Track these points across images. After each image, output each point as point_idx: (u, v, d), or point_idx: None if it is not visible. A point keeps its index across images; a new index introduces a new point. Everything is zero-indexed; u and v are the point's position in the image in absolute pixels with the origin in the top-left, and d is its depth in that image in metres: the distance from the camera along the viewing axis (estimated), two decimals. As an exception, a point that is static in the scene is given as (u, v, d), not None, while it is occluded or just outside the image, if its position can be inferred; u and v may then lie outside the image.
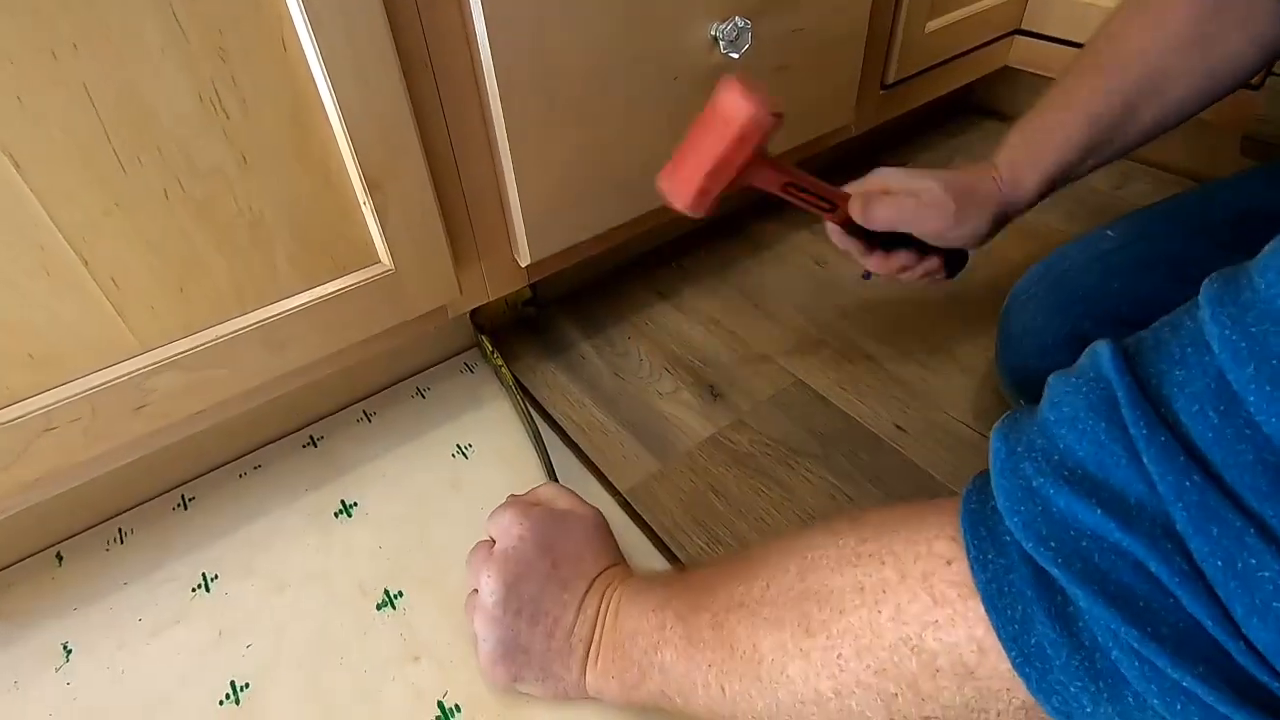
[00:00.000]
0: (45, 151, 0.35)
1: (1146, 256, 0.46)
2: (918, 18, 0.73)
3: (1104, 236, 0.49)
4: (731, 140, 0.41)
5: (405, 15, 0.42)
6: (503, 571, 0.39)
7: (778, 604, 0.30)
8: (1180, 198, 0.50)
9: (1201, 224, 0.46)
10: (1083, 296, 0.47)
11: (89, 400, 0.41)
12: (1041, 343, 0.48)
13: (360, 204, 0.45)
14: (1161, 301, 0.36)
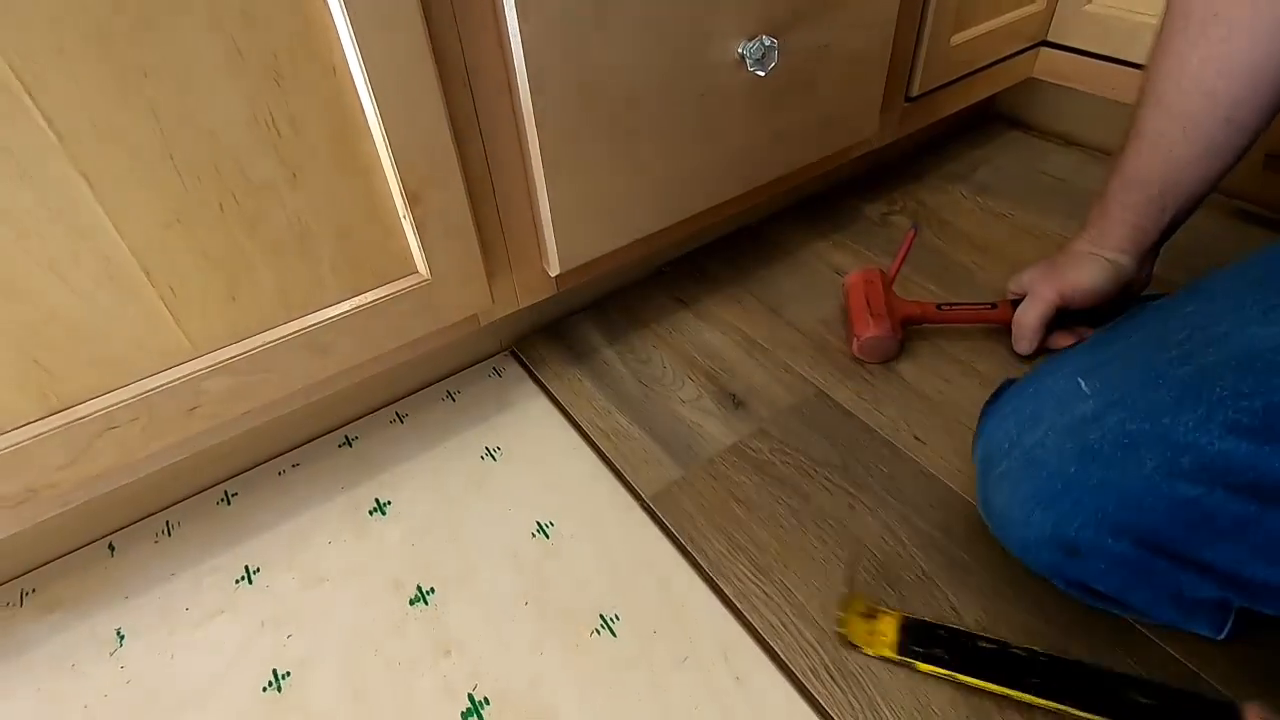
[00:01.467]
0: (114, 170, 0.37)
1: (1130, 433, 0.38)
2: (943, 31, 0.74)
3: (1075, 391, 0.41)
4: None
5: (447, 39, 0.44)
6: None
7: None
8: (1159, 315, 0.44)
9: (1184, 378, 0.38)
10: (1060, 488, 0.39)
11: (146, 401, 0.43)
12: (1023, 537, 0.42)
13: (401, 217, 0.48)
14: (1155, 499, 0.36)
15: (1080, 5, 0.83)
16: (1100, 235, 0.58)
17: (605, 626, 0.48)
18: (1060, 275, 0.60)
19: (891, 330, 0.63)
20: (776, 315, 0.72)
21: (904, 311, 0.66)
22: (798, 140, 0.66)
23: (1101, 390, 0.40)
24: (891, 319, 0.64)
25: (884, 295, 0.66)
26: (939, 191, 0.89)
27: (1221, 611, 0.40)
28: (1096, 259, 0.58)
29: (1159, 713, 0.41)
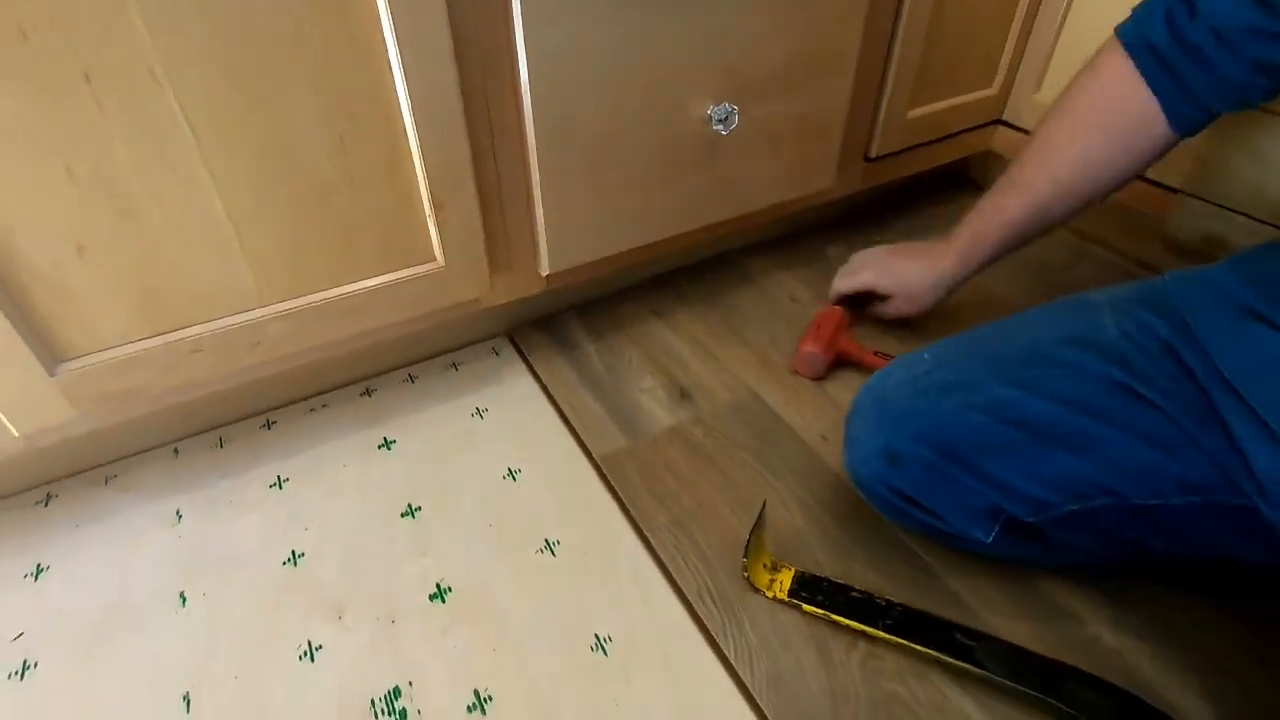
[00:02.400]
0: (230, 168, 0.52)
1: (947, 382, 0.54)
2: (899, 106, 0.88)
3: (920, 360, 0.57)
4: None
5: (474, 90, 0.59)
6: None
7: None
8: (992, 326, 0.59)
9: (991, 358, 0.54)
10: (894, 416, 0.55)
11: (224, 334, 0.59)
12: (863, 453, 0.56)
13: (426, 218, 0.63)
14: (956, 423, 0.53)
15: (1030, 94, 0.97)
16: (958, 253, 0.73)
17: (548, 548, 0.62)
18: (910, 291, 0.79)
19: (824, 352, 0.77)
20: (734, 332, 0.86)
21: (844, 346, 0.80)
22: (754, 187, 0.80)
23: (936, 358, 0.57)
24: (829, 346, 0.78)
25: (834, 328, 0.80)
26: (896, 242, 1.02)
27: (992, 519, 0.53)
28: (942, 272, 0.75)
29: (974, 651, 0.53)
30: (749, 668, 0.53)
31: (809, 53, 0.73)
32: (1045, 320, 0.55)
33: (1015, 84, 0.97)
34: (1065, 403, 0.49)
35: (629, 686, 0.52)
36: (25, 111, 0.45)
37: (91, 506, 0.66)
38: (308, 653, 0.55)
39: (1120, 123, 0.58)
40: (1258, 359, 0.46)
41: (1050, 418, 0.50)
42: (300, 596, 0.58)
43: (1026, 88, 0.97)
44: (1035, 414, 0.50)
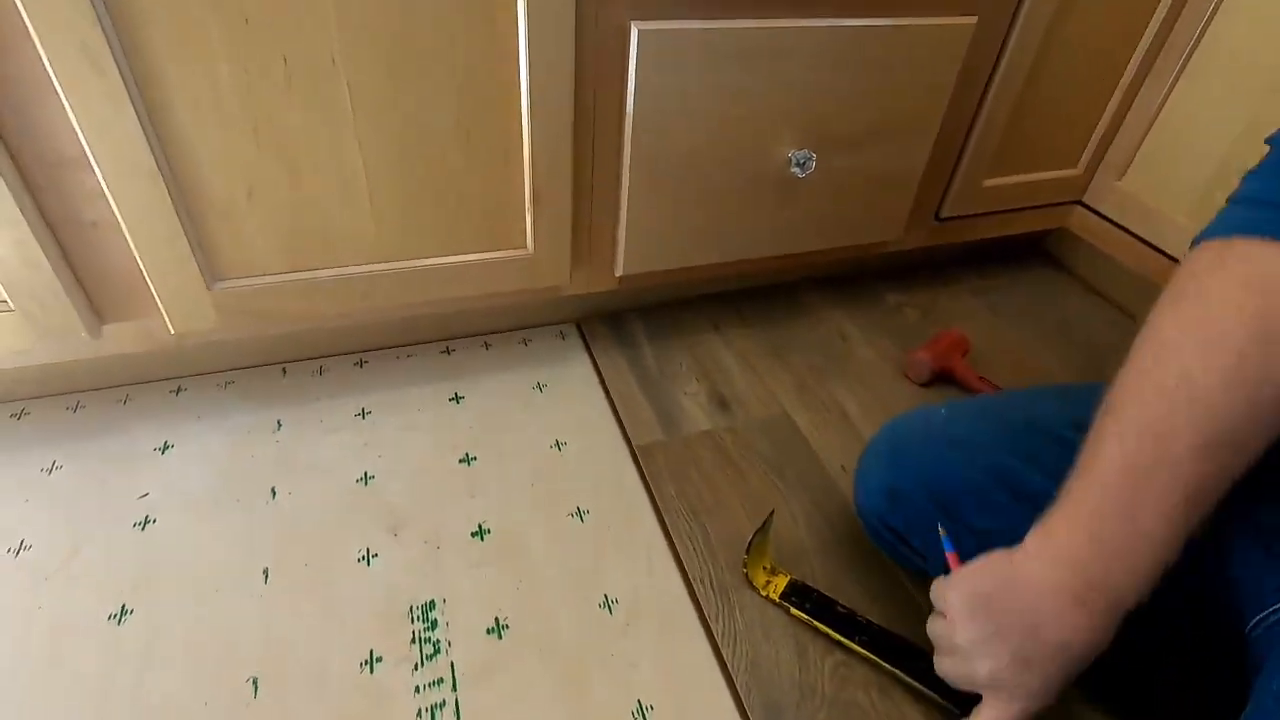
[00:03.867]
0: (376, 143, 0.63)
1: (957, 437, 0.58)
2: (976, 173, 0.93)
3: (936, 412, 0.61)
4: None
5: (585, 99, 0.68)
6: None
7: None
8: (1009, 395, 0.63)
9: (1001, 424, 0.57)
10: (904, 459, 0.59)
11: (343, 280, 0.70)
12: (869, 485, 0.61)
13: (525, 209, 0.72)
14: (957, 477, 0.57)
15: (1113, 180, 0.99)
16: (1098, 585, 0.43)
17: (578, 514, 0.70)
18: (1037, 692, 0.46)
19: (933, 361, 0.87)
20: (780, 356, 0.92)
21: (953, 362, 0.89)
22: (822, 229, 0.86)
23: (952, 413, 0.61)
24: (939, 358, 0.88)
25: (950, 344, 0.90)
26: (955, 300, 1.06)
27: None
28: (1098, 620, 0.43)
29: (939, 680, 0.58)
30: (732, 649, 0.60)
31: (893, 114, 0.79)
32: (1059, 400, 0.59)
33: (1100, 168, 1.00)
34: (1059, 479, 0.53)
35: (625, 641, 0.60)
36: (236, 81, 0.56)
37: (213, 404, 0.78)
38: (365, 557, 0.65)
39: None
40: (1260, 478, 0.49)
41: (1043, 490, 0.53)
42: (366, 511, 0.69)
43: (1111, 174, 0.99)
44: (1030, 484, 0.53)
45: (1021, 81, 0.85)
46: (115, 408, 0.77)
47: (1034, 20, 0.79)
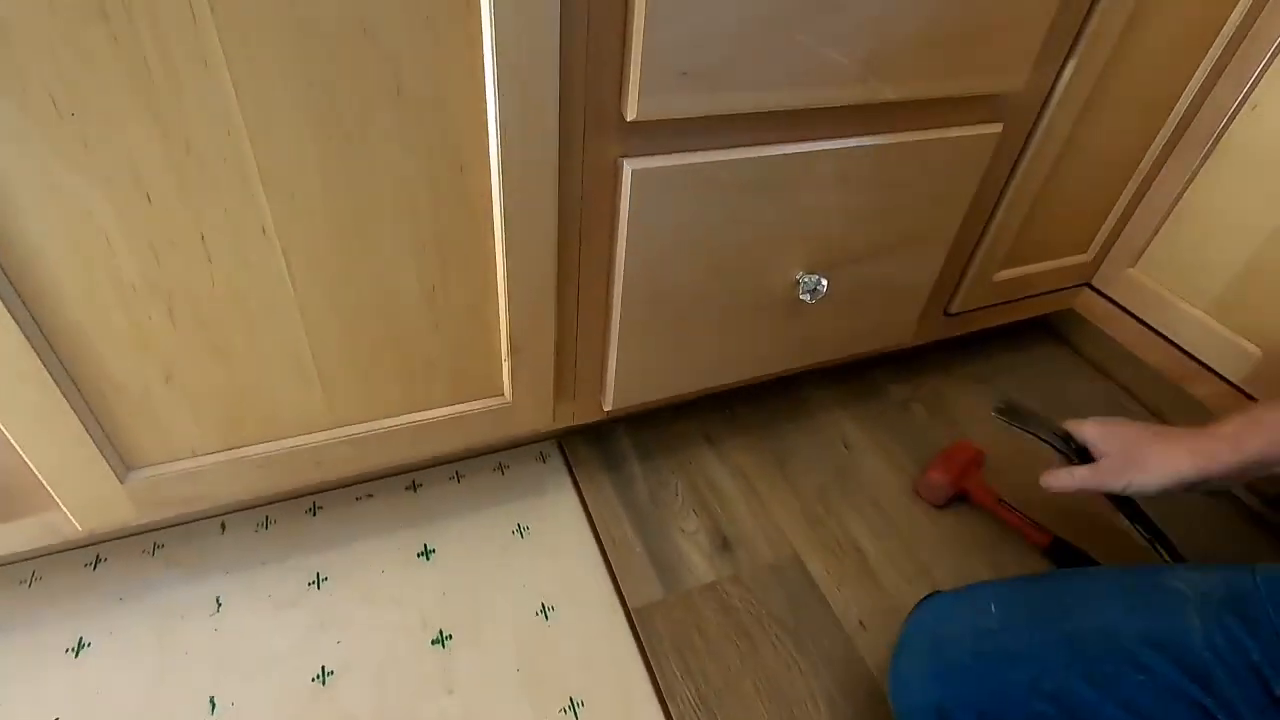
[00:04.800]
0: (321, 315, 0.53)
1: (1014, 651, 0.50)
2: (988, 269, 0.86)
3: (985, 611, 0.54)
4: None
5: (568, 254, 0.59)
6: None
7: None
8: (1062, 586, 0.54)
9: (1065, 636, 0.50)
10: (953, 671, 0.52)
11: (289, 453, 0.59)
12: (913, 701, 0.54)
13: (502, 360, 0.62)
14: (1020, 706, 0.49)
15: (1124, 266, 0.93)
16: (1230, 440, 0.57)
17: (571, 709, 0.62)
18: (1136, 465, 0.60)
19: (950, 484, 0.81)
20: (783, 474, 0.84)
21: (970, 484, 0.82)
22: (831, 342, 0.79)
23: (1005, 615, 0.53)
24: (957, 480, 0.81)
25: (966, 462, 0.83)
26: (960, 389, 0.99)
27: None
28: (1190, 458, 0.57)
29: None
30: None
31: (908, 227, 0.71)
32: (1124, 599, 0.52)
33: (1110, 255, 0.94)
34: (1138, 715, 0.46)
35: None
36: (141, 264, 0.45)
37: (138, 577, 0.67)
38: (324, 789, 0.55)
39: None
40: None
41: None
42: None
43: (1122, 261, 0.93)
44: (1101, 714, 0.47)
45: (1039, 184, 0.78)
46: (19, 591, 0.66)
47: (1057, 125, 0.72)
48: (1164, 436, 0.61)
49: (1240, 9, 0.74)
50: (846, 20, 0.52)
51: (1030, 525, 0.78)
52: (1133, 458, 0.61)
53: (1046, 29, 0.62)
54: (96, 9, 0.36)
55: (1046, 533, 0.77)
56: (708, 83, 0.51)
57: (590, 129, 0.52)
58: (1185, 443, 0.59)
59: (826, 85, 0.56)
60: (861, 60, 0.55)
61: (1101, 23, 0.66)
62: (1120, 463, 0.61)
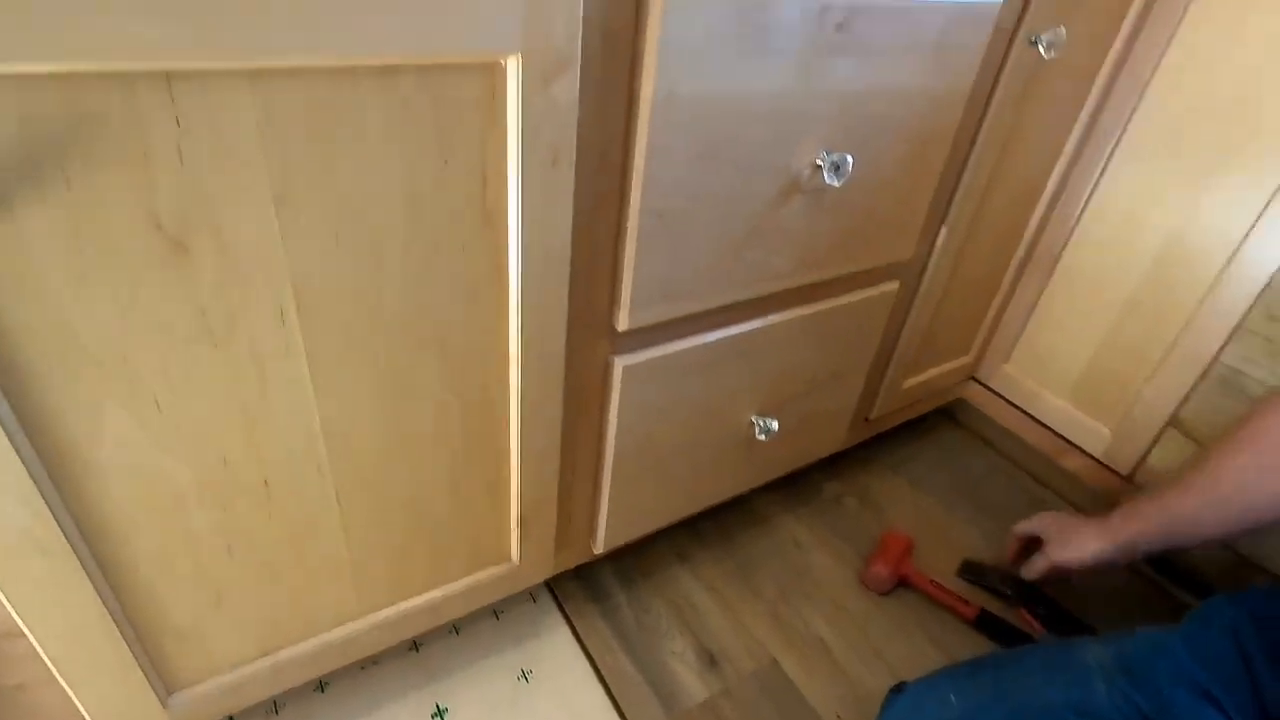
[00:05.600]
0: (362, 524, 0.58)
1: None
2: (897, 380, 1.01)
3: (948, 702, 0.64)
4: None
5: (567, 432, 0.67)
6: None
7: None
8: (1006, 670, 0.66)
9: (1013, 711, 0.61)
10: None
11: (322, 647, 0.63)
12: None
13: (511, 532, 0.69)
14: None
15: (1000, 364, 1.13)
16: (1114, 526, 0.81)
17: (602, 846, 0.67)
18: (1070, 545, 0.84)
19: (890, 575, 0.93)
20: (749, 584, 0.94)
21: (906, 570, 0.95)
22: (778, 460, 0.91)
23: (962, 704, 0.65)
24: (895, 570, 0.94)
25: (900, 552, 0.95)
26: (882, 479, 1.14)
27: None
28: (1098, 540, 0.81)
29: None
30: None
31: (834, 368, 0.85)
32: (1049, 676, 0.64)
33: (987, 355, 1.13)
34: None
35: None
36: (208, 519, 0.50)
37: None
38: None
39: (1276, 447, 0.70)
40: None
41: None
42: None
43: (998, 357, 1.13)
44: None
45: (931, 311, 0.94)
46: (25, 827, 0.64)
47: (938, 273, 0.89)
48: (1079, 523, 0.86)
49: (1058, 172, 0.95)
50: (781, 240, 0.66)
51: (960, 601, 0.92)
52: (1067, 539, 0.85)
53: (925, 213, 0.78)
54: (203, 327, 0.43)
55: (974, 606, 0.91)
56: (680, 297, 0.63)
57: (587, 339, 0.62)
58: (1093, 527, 0.84)
59: (769, 281, 0.69)
60: (794, 261, 0.69)
61: (964, 198, 0.84)
62: (1059, 544, 0.86)
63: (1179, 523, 0.77)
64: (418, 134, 0.44)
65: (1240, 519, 0.73)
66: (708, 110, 0.54)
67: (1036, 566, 0.88)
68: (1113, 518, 0.82)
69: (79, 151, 0.35)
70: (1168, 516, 0.78)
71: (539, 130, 0.47)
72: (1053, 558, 0.86)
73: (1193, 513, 0.75)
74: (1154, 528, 0.79)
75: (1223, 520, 0.74)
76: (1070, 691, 0.64)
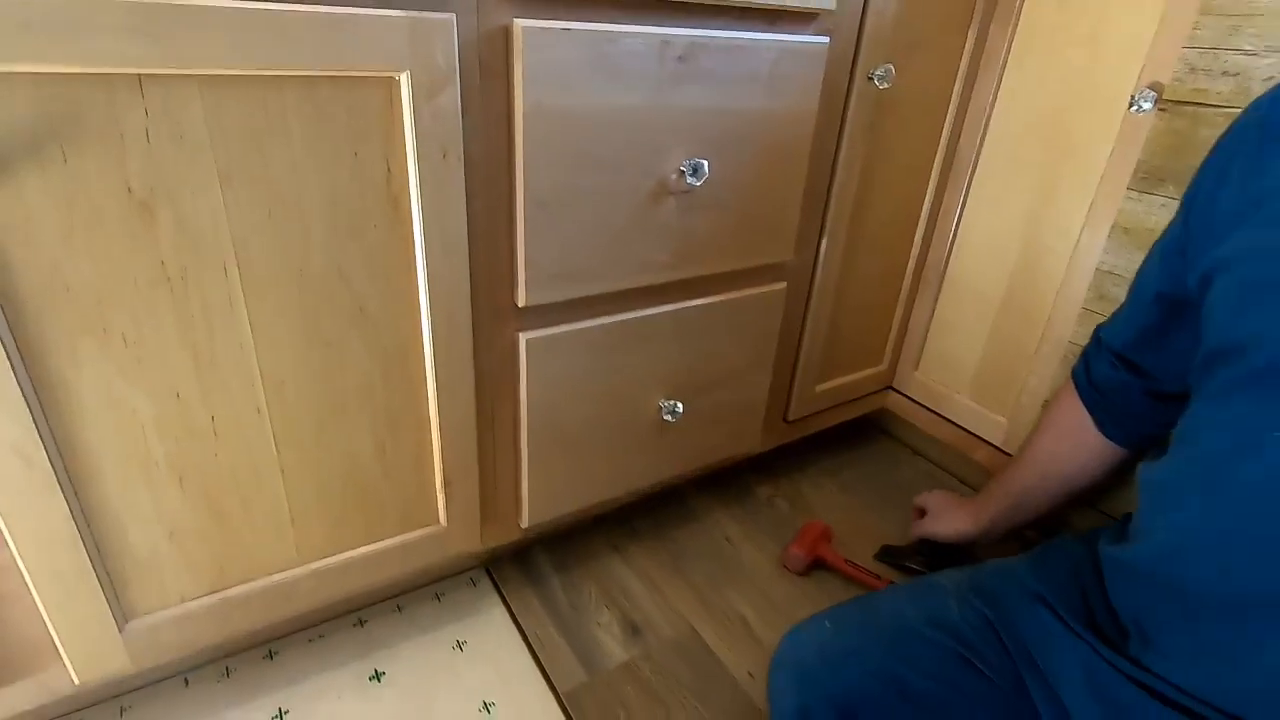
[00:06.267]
0: (300, 474, 0.69)
1: (848, 648, 0.68)
2: (808, 383, 1.12)
3: (824, 628, 0.71)
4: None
5: (484, 407, 0.78)
6: None
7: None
8: (875, 598, 0.76)
9: (878, 629, 0.69)
10: (807, 677, 0.67)
11: (264, 590, 0.72)
12: (782, 706, 0.67)
13: (437, 493, 0.79)
14: (855, 689, 0.68)
15: (911, 371, 1.23)
16: (977, 509, 0.95)
17: (517, 783, 0.73)
18: (942, 521, 1.00)
19: (805, 554, 1.01)
20: (677, 568, 1.02)
21: (821, 551, 1.03)
22: (695, 451, 1.00)
23: (836, 629, 0.72)
24: (810, 550, 1.02)
25: (816, 536, 1.04)
26: (813, 485, 1.23)
27: None
28: (966, 522, 0.96)
29: None
30: None
31: (738, 360, 0.96)
32: (910, 599, 0.73)
33: (899, 363, 1.24)
34: (932, 677, 0.65)
35: None
36: (165, 446, 0.61)
37: (108, 739, 0.74)
38: None
39: (1070, 426, 0.83)
40: (1043, 632, 0.64)
41: (923, 689, 0.65)
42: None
43: (909, 365, 1.23)
44: (912, 685, 0.65)
45: (828, 315, 1.06)
46: (-8, 769, 0.71)
47: (827, 279, 1.02)
48: (957, 505, 1.01)
49: (931, 192, 1.10)
50: (660, 234, 0.79)
51: (871, 576, 0.99)
52: (939, 517, 0.97)
53: (798, 220, 0.92)
54: (162, 276, 0.55)
55: (885, 580, 0.98)
56: (573, 279, 0.75)
57: (494, 315, 0.74)
58: (964, 509, 0.98)
59: (656, 272, 0.82)
60: (675, 254, 0.82)
61: (837, 211, 0.97)
62: (933, 520, 1.02)
63: (1018, 499, 0.90)
64: (332, 131, 0.58)
65: (1060, 490, 0.86)
66: (574, 121, 0.68)
67: (914, 531, 1.03)
68: (977, 500, 0.95)
69: (71, 132, 0.49)
70: (1009, 496, 0.91)
71: (430, 132, 0.61)
72: (924, 529, 1.01)
73: (1023, 490, 0.89)
74: (1003, 507, 0.92)
75: (1048, 492, 0.88)
76: (926, 607, 0.72)
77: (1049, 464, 0.85)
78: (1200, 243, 0.58)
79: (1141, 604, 0.60)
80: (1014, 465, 0.90)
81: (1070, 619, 0.64)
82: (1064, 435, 0.83)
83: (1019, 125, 1.00)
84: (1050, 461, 0.85)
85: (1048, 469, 0.85)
